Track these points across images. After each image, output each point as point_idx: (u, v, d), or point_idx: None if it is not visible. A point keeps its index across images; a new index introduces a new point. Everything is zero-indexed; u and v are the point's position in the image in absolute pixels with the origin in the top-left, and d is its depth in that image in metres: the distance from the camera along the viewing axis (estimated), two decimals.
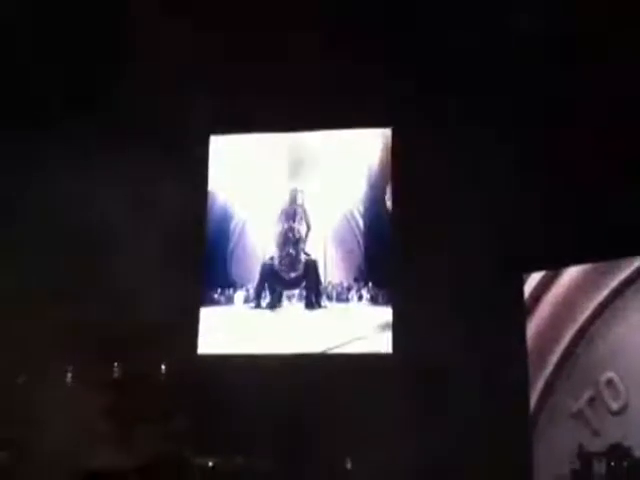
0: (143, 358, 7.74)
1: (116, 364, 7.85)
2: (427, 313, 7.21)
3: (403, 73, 7.55)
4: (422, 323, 7.29)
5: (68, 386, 7.77)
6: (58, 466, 6.98)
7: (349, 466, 7.26)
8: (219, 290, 8.62)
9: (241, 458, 7.42)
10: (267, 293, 8.58)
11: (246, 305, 8.57)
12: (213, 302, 8.59)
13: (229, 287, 8.64)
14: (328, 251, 8.51)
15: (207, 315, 8.53)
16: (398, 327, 7.91)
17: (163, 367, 7.86)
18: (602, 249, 6.82)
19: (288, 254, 8.61)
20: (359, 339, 8.14)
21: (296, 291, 8.50)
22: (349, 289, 8.35)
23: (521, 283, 7.49)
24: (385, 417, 6.94)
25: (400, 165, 8.17)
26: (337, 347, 8.13)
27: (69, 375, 7.77)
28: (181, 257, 7.88)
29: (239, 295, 8.61)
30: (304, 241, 8.62)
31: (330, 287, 8.40)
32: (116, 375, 7.87)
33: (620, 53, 6.79)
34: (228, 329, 8.51)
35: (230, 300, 8.60)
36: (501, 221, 7.20)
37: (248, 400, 7.33)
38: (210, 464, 7.43)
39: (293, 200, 8.70)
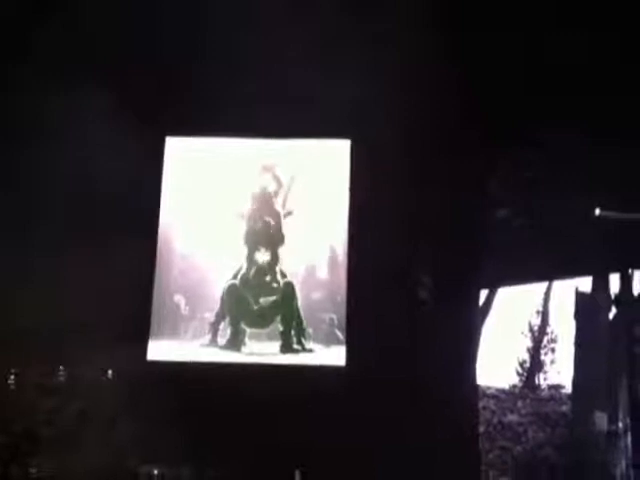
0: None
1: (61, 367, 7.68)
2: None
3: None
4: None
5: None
6: None
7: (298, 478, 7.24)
8: (162, 320, 7.09)
9: (188, 467, 7.37)
10: (227, 326, 7.07)
11: (198, 341, 7.13)
12: (157, 335, 7.09)
13: (175, 316, 7.09)
14: (306, 275, 7.10)
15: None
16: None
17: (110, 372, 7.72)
18: None
19: (257, 276, 7.13)
20: None
21: (267, 328, 6.95)
22: (339, 324, 6.90)
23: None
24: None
25: (359, 178, 7.75)
26: None
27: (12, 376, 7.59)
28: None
29: (190, 326, 7.10)
30: (277, 261, 7.19)
31: (313, 323, 6.89)
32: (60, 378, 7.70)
33: None
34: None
35: (176, 333, 7.09)
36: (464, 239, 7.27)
37: (196, 408, 7.28)
38: (155, 472, 7.36)
39: (263, 213, 7.45)
